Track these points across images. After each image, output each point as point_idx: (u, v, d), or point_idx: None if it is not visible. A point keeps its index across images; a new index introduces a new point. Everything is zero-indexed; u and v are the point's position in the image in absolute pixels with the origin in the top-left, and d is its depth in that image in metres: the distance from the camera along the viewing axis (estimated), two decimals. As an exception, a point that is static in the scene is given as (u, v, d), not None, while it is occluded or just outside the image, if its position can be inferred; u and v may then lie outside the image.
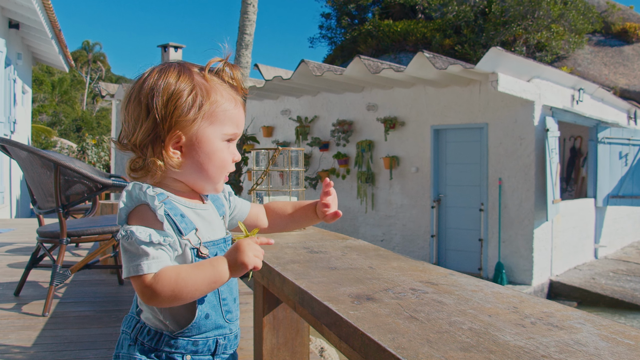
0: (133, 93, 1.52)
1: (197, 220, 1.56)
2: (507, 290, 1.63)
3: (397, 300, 1.49)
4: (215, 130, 1.54)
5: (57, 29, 14.24)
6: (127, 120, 1.53)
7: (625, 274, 13.34)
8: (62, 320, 4.34)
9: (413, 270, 1.93)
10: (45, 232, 4.68)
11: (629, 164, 14.96)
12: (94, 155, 23.66)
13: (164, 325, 1.54)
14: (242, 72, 1.66)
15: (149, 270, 1.39)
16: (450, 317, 1.33)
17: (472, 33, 26.45)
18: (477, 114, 12.71)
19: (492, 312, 1.38)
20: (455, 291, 1.61)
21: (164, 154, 1.49)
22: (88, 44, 67.65)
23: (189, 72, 1.54)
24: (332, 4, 35.27)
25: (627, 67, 25.42)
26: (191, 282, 1.40)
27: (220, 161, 1.56)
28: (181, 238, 1.48)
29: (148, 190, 1.47)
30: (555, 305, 1.47)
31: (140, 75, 1.56)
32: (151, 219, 1.45)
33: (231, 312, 1.63)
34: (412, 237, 13.92)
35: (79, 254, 7.26)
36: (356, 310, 1.41)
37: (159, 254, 1.41)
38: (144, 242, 1.40)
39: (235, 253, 1.43)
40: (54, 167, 4.39)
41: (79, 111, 57.30)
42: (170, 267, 1.41)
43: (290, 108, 16.54)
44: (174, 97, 1.48)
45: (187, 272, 1.41)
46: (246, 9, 13.30)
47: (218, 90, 1.56)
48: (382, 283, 1.72)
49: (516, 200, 12.16)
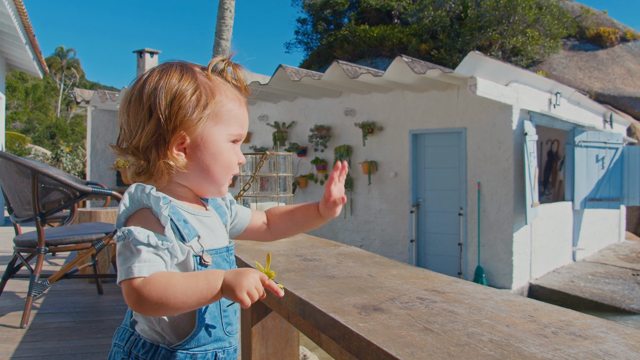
0: (133, 95, 1.46)
1: (200, 228, 1.50)
2: (518, 297, 1.56)
3: (407, 311, 1.42)
4: (220, 130, 1.49)
5: (31, 34, 14.03)
6: (128, 122, 1.46)
7: (604, 277, 13.38)
8: (41, 332, 4.23)
9: (415, 278, 1.86)
10: (22, 241, 4.56)
11: (606, 167, 15.05)
12: (68, 163, 23.38)
13: (161, 337, 1.46)
14: (245, 72, 1.60)
15: (139, 274, 1.31)
16: (467, 328, 1.27)
17: (448, 38, 26.52)
18: (455, 118, 12.70)
19: (509, 322, 1.32)
20: (465, 300, 1.54)
21: (169, 155, 1.43)
22: (62, 50, 67.12)
23: (192, 71, 1.49)
24: (308, 9, 35.26)
25: (602, 72, 25.61)
26: (181, 293, 1.30)
27: (226, 162, 1.51)
28: (184, 244, 1.41)
29: (152, 191, 1.40)
30: (572, 313, 1.41)
31: (139, 77, 1.50)
32: (152, 222, 1.38)
33: (232, 325, 1.55)
34: (391, 242, 13.87)
35: (56, 263, 7.12)
36: (365, 322, 1.33)
37: (154, 258, 1.34)
38: (141, 242, 1.33)
39: (236, 276, 1.33)
40: (31, 174, 4.28)
41: (53, 118, 56.80)
42: (162, 272, 1.33)
43: (267, 114, 16.45)
44: (177, 97, 1.43)
45: (179, 281, 1.31)
46: (223, 14, 13.23)
47: (222, 89, 1.51)
48: (387, 292, 1.65)
49: (495, 204, 12.16)
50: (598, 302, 11.62)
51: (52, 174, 4.39)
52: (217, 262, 1.50)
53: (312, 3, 35.18)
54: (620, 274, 13.69)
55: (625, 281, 13.03)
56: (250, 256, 2.42)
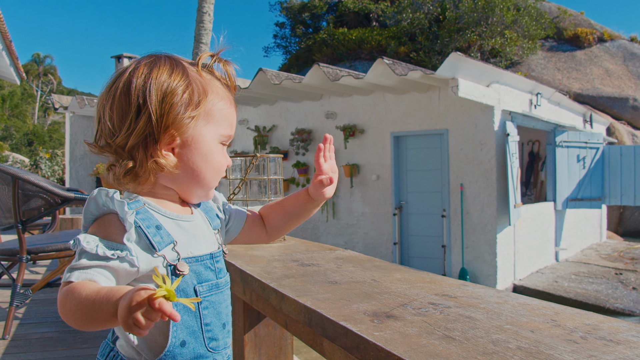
0: (119, 89, 1.33)
1: (178, 233, 1.38)
2: (534, 301, 1.49)
3: (422, 317, 1.34)
4: (211, 130, 1.40)
5: (8, 40, 13.83)
6: (111, 119, 1.33)
7: (587, 276, 13.41)
8: (23, 343, 4.11)
9: (421, 282, 1.79)
10: (3, 250, 4.45)
11: (587, 167, 15.09)
12: (47, 170, 23.16)
13: (137, 354, 1.36)
14: (235, 68, 1.50)
15: (69, 279, 1.21)
16: (490, 335, 1.19)
17: (426, 40, 26.56)
18: (437, 120, 12.68)
19: (533, 327, 1.24)
20: (480, 304, 1.46)
21: (159, 155, 1.32)
22: (39, 56, 66.72)
23: (182, 66, 1.39)
24: (286, 13, 35.24)
25: (580, 72, 25.76)
26: (75, 307, 1.17)
27: (216, 164, 1.42)
28: (152, 256, 1.30)
29: (115, 195, 1.30)
30: (595, 317, 1.34)
31: (123, 69, 1.38)
32: (114, 228, 1.29)
33: (216, 340, 1.42)
34: (375, 245, 13.82)
35: (37, 271, 6.99)
36: (380, 330, 1.25)
37: (92, 267, 1.23)
38: (87, 251, 1.23)
39: (122, 302, 1.07)
40: (11, 180, 4.17)
41: (30, 125, 56.36)
42: (83, 282, 1.20)
43: (247, 117, 16.37)
44: (169, 94, 1.32)
45: (80, 294, 1.17)
46: (202, 18, 13.13)
47: (213, 87, 1.42)
48: (395, 297, 1.57)
49: (478, 205, 12.14)
50: (582, 301, 11.63)
51: (33, 180, 4.28)
52: (197, 271, 1.39)
53: (290, 7, 35.17)
54: (603, 273, 13.72)
55: (609, 280, 13.05)
56: (245, 262, 2.33)
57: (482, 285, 1.68)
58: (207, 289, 1.40)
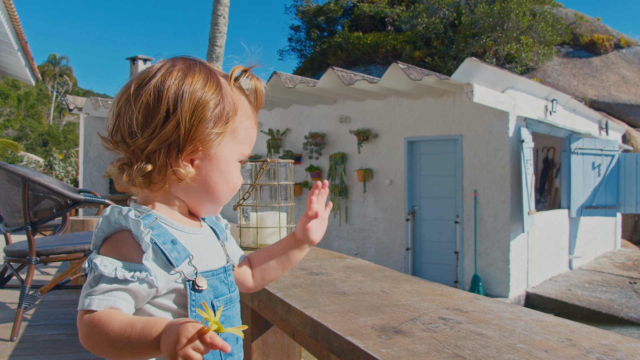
0: (148, 89, 1.27)
1: (193, 246, 1.33)
2: (549, 317, 1.44)
3: (431, 333, 1.29)
4: (233, 148, 1.36)
5: (24, 41, 13.89)
6: (136, 118, 1.26)
7: (601, 285, 13.30)
8: (31, 345, 4.09)
9: (432, 294, 1.74)
10: (12, 251, 4.43)
11: (602, 175, 14.97)
12: (61, 170, 23.22)
13: None
14: (265, 86, 1.45)
15: (89, 306, 1.17)
16: (502, 355, 1.14)
17: (442, 45, 26.48)
18: (451, 125, 12.62)
19: (547, 347, 1.19)
20: (492, 320, 1.41)
21: (180, 164, 1.28)
22: (55, 57, 67.04)
23: (216, 78, 1.34)
24: (302, 16, 35.23)
25: (596, 78, 25.59)
26: (106, 340, 1.15)
27: (232, 182, 1.38)
28: (170, 272, 1.25)
29: (130, 213, 1.25)
30: (612, 336, 1.29)
31: (155, 69, 1.32)
32: (129, 247, 1.24)
33: (232, 355, 1.37)
34: (387, 250, 13.76)
35: (47, 273, 6.98)
36: (388, 347, 1.20)
37: (113, 292, 1.19)
38: (105, 275, 1.18)
39: (167, 338, 1.09)
40: (22, 182, 4.16)
41: (45, 125, 56.66)
42: (108, 311, 1.17)
43: (261, 121, 16.35)
44: (200, 106, 1.27)
45: (113, 327, 1.15)
46: (217, 21, 13.14)
47: (242, 104, 1.38)
48: (405, 311, 1.52)
49: (492, 212, 12.06)
50: (596, 310, 11.53)
51: (43, 181, 4.26)
52: (214, 285, 1.34)
53: (306, 10, 35.16)
54: (617, 282, 13.61)
55: (623, 289, 12.94)
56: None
57: (495, 298, 1.62)
58: (222, 303, 1.35)
